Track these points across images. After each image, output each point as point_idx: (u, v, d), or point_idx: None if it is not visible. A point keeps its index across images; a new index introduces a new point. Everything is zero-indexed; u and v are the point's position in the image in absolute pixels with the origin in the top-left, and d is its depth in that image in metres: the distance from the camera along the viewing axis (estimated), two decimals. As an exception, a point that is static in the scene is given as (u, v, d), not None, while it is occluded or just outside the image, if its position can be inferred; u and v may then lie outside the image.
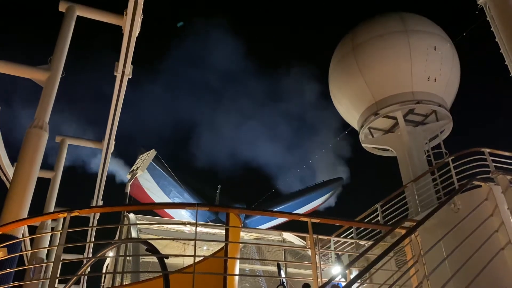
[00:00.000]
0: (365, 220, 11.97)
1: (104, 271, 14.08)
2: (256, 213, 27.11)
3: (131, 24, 13.50)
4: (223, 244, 6.30)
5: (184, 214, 26.90)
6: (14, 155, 13.82)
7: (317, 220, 6.99)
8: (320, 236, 7.36)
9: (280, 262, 9.46)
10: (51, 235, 19.43)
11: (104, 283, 13.94)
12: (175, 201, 29.44)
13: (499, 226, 7.69)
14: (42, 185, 18.06)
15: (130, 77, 15.60)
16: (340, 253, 11.03)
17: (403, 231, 6.83)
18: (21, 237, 10.24)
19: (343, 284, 6.72)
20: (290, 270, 13.57)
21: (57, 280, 5.81)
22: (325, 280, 5.98)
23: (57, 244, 5.89)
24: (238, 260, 6.67)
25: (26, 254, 18.37)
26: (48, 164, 19.90)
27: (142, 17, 13.60)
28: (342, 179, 38.35)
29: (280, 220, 30.90)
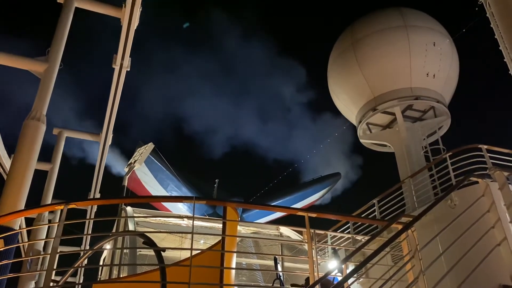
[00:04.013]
0: (362, 215, 11.99)
1: (101, 263, 14.11)
2: (254, 207, 26.98)
3: (130, 16, 13.46)
4: (220, 238, 6.30)
5: (181, 208, 26.91)
6: (11, 147, 13.79)
7: (314, 215, 6.98)
8: (317, 231, 7.36)
9: (277, 256, 9.47)
10: (48, 227, 19.45)
11: (101, 275, 13.96)
12: (173, 195, 29.45)
13: (496, 222, 7.72)
14: (40, 177, 18.03)
15: (129, 69, 15.53)
16: (337, 247, 11.05)
17: (400, 227, 6.84)
18: (18, 229, 10.23)
19: (339, 278, 6.74)
20: (286, 264, 13.62)
21: (54, 272, 5.81)
22: (321, 274, 6.00)
23: (54, 236, 5.88)
24: (235, 254, 6.68)
25: (23, 246, 18.38)
26: (45, 156, 19.84)
27: (141, 9, 13.54)
28: (339, 174, 38.35)
29: (277, 214, 30.95)
